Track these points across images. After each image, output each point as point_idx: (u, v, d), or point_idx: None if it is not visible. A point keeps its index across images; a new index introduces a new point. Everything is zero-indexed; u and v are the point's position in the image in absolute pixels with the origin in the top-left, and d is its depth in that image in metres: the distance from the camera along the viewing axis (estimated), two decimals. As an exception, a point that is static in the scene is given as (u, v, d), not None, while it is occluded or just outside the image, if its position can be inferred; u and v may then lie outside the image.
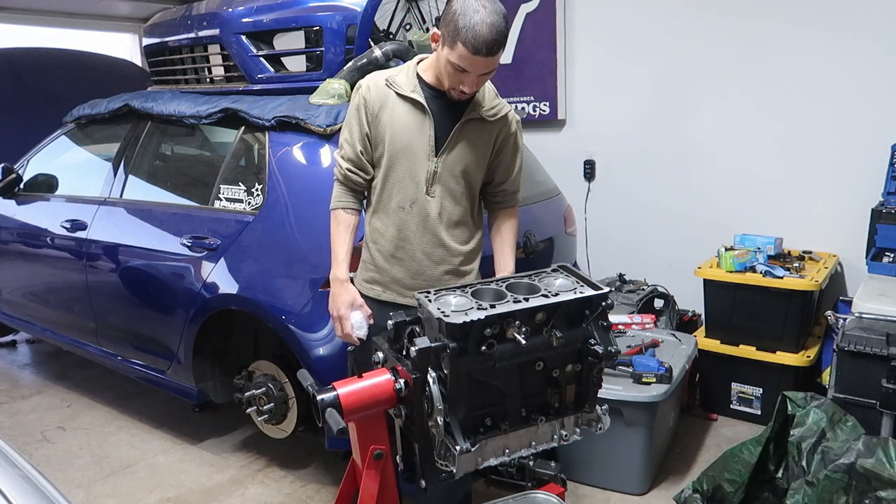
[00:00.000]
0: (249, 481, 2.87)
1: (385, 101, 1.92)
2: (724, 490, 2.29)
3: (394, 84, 1.93)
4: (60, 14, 5.64)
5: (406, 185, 1.95)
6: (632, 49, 4.00)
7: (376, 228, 2.02)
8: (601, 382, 1.65)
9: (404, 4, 4.93)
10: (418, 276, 2.00)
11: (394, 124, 1.92)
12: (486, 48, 1.72)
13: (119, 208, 3.22)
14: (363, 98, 1.95)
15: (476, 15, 1.71)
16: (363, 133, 1.96)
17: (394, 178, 1.95)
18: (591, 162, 4.26)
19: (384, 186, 1.97)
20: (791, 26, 3.48)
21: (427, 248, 1.99)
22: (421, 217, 1.96)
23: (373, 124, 1.94)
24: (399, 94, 1.92)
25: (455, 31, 1.73)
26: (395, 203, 1.96)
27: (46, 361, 4.31)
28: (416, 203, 1.95)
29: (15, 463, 1.19)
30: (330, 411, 1.48)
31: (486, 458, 1.55)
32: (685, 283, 3.53)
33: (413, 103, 1.91)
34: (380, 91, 1.93)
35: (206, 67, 3.40)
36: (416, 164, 1.93)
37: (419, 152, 1.92)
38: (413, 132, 1.92)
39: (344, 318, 1.96)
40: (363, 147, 1.97)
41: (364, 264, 2.07)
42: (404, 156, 1.93)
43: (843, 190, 3.45)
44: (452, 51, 1.75)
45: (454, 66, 1.78)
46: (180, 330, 2.83)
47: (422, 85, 1.93)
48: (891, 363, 2.27)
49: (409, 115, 1.92)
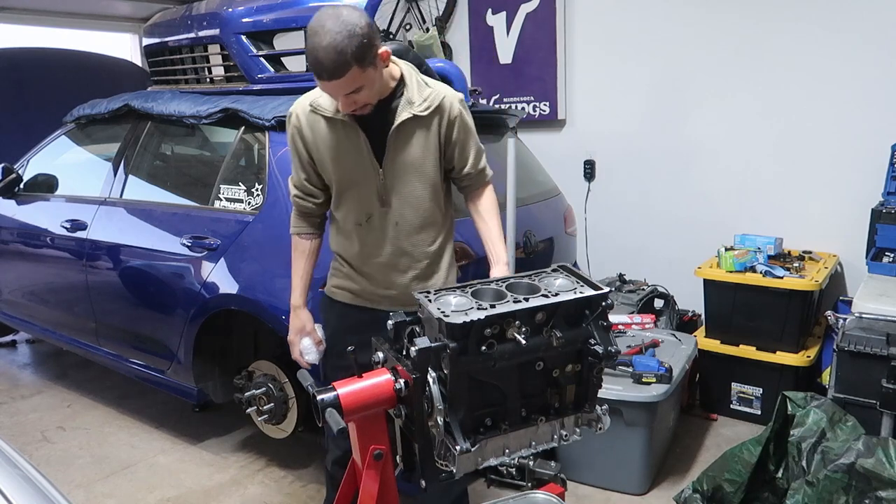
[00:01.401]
0: (249, 481, 2.87)
1: (315, 127, 1.88)
2: (724, 490, 2.29)
3: (319, 108, 1.86)
4: (60, 14, 5.64)
5: (358, 203, 1.92)
6: (632, 49, 4.01)
7: (340, 244, 2.01)
8: (601, 382, 1.65)
9: (404, 4, 4.94)
10: (388, 287, 1.98)
11: (329, 149, 1.88)
12: (327, 74, 1.64)
13: (119, 208, 3.22)
14: (295, 128, 1.91)
15: (314, 38, 1.64)
16: (305, 161, 1.93)
17: (345, 199, 1.94)
18: (591, 162, 4.26)
19: (339, 208, 1.96)
20: (791, 26, 3.48)
21: (391, 259, 1.95)
22: (380, 230, 1.93)
23: (312, 151, 1.91)
24: (327, 118, 1.86)
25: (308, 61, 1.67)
26: (352, 221, 1.94)
27: (46, 361, 4.31)
28: (371, 218, 1.92)
29: (15, 463, 1.19)
30: (330, 411, 1.48)
31: (486, 458, 1.55)
32: (685, 283, 3.53)
33: (342, 124, 1.85)
34: (308, 118, 1.88)
35: (206, 67, 3.40)
36: (363, 182, 1.89)
37: (362, 170, 1.88)
38: (350, 152, 1.87)
39: (293, 344, 2.03)
40: (306, 174, 1.95)
41: (334, 271, 2.07)
42: (349, 177, 1.90)
43: (843, 190, 3.45)
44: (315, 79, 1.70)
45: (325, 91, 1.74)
46: (180, 330, 2.84)
47: None
48: (891, 363, 2.27)
49: (341, 136, 1.86)
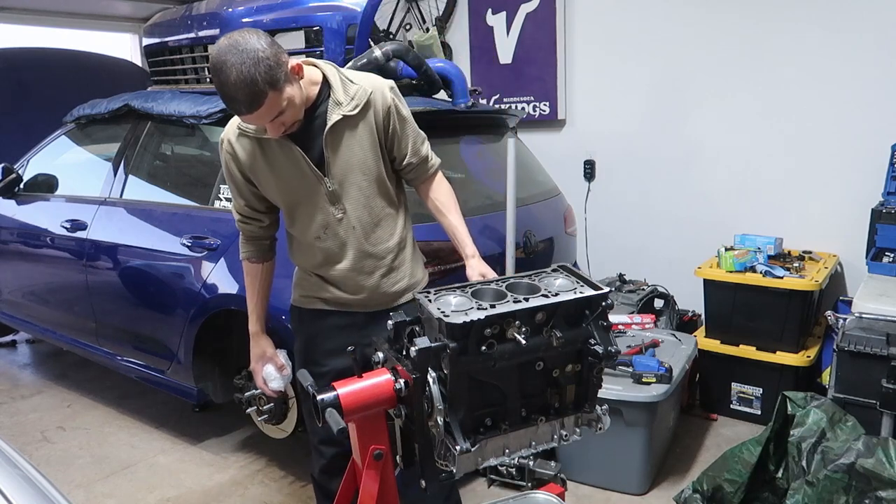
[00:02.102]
0: (249, 481, 2.87)
1: (249, 150, 1.81)
2: (724, 490, 2.29)
3: (247, 130, 1.78)
4: (60, 14, 5.64)
5: (312, 218, 1.86)
6: (632, 49, 4.01)
7: (303, 259, 1.96)
8: (601, 382, 1.65)
9: (404, 4, 4.94)
10: (357, 291, 1.93)
11: (268, 171, 1.81)
12: (245, 107, 1.58)
13: (119, 208, 3.22)
14: (228, 153, 1.84)
15: (219, 75, 1.56)
16: (245, 187, 1.87)
17: (298, 217, 1.88)
18: (591, 162, 4.26)
19: (293, 226, 1.91)
20: (791, 26, 3.48)
21: (354, 264, 1.90)
22: (340, 239, 1.88)
23: (251, 175, 1.85)
24: (257, 139, 1.79)
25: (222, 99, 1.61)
26: (311, 236, 1.88)
27: (46, 361, 4.31)
28: (328, 228, 1.86)
29: (15, 463, 1.19)
30: (330, 411, 1.48)
31: (486, 458, 1.55)
32: (685, 283, 3.53)
33: (275, 142, 1.77)
34: (239, 142, 1.81)
35: (206, 67, 3.40)
36: (312, 196, 1.83)
37: (307, 184, 1.81)
38: (290, 169, 1.80)
39: (255, 373, 2.00)
40: (245, 200, 1.90)
41: (300, 281, 2.01)
42: (296, 194, 1.83)
43: (843, 190, 3.45)
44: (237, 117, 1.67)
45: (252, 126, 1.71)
46: (180, 330, 2.83)
47: None
48: (891, 363, 2.27)
49: (277, 155, 1.79)
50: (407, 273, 1.97)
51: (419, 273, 2.02)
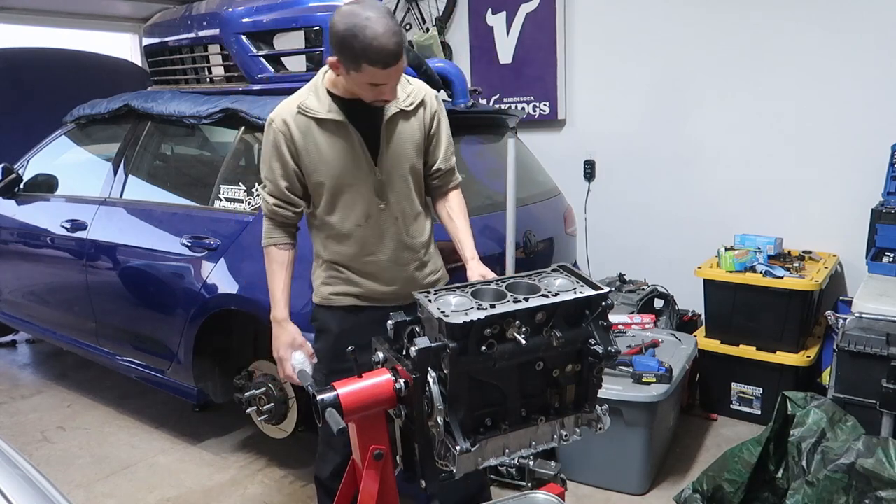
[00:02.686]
0: (249, 481, 2.87)
1: (306, 132, 1.84)
2: (724, 490, 2.29)
3: (308, 110, 1.83)
4: (60, 14, 5.64)
5: (356, 205, 1.89)
6: (632, 49, 4.01)
7: (337, 251, 1.95)
8: (601, 382, 1.65)
9: (404, 4, 4.94)
10: (391, 282, 1.97)
11: (323, 153, 1.84)
12: (394, 58, 1.66)
13: (119, 208, 3.22)
14: (282, 134, 1.85)
15: (367, 30, 1.61)
16: (289, 170, 1.87)
17: (342, 202, 1.89)
18: (591, 162, 4.26)
19: (333, 212, 1.91)
20: (791, 26, 3.48)
21: (392, 255, 1.95)
22: (380, 229, 1.92)
23: (299, 158, 1.86)
24: (317, 119, 1.83)
25: (354, 56, 1.65)
26: (351, 224, 1.91)
27: (46, 361, 4.31)
28: (371, 217, 1.90)
29: (15, 463, 1.19)
30: (330, 411, 1.48)
31: (486, 458, 1.55)
32: (685, 283, 3.53)
33: (335, 124, 1.83)
34: (296, 121, 1.84)
35: (206, 67, 3.40)
36: (361, 183, 1.87)
37: (360, 171, 1.86)
38: (346, 154, 1.85)
39: (284, 360, 1.92)
40: (289, 182, 1.89)
41: (329, 280, 2.00)
42: (346, 180, 1.86)
43: (843, 190, 3.45)
44: (361, 73, 1.68)
45: (369, 84, 1.72)
46: (180, 330, 2.84)
47: (335, 100, 1.84)
48: (891, 363, 2.27)
49: (336, 138, 1.84)
50: (435, 267, 2.07)
51: (442, 269, 2.11)
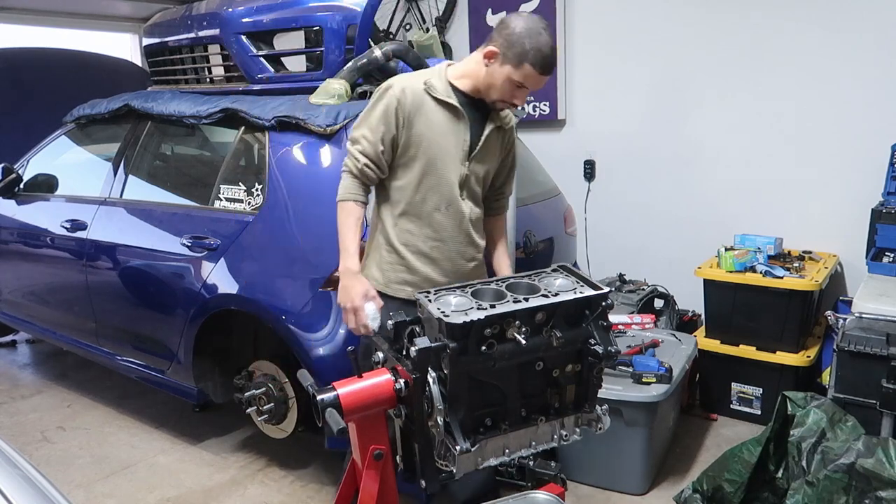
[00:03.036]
0: (249, 481, 2.87)
1: (421, 106, 1.95)
2: (724, 490, 2.29)
3: (432, 88, 1.96)
4: (60, 14, 5.63)
5: (442, 188, 2.00)
6: (632, 49, 4.01)
7: (407, 230, 2.03)
8: (601, 382, 1.65)
9: (404, 4, 4.94)
10: (451, 273, 2.06)
11: (432, 129, 1.96)
12: (550, 68, 1.91)
13: (119, 208, 3.22)
14: (397, 100, 1.94)
15: (540, 38, 1.86)
16: (390, 135, 1.95)
17: (429, 182, 1.99)
18: (591, 162, 4.26)
19: (417, 190, 2.00)
20: (791, 26, 3.48)
21: (461, 247, 2.06)
22: (456, 218, 2.03)
23: (405, 128, 1.95)
24: (436, 99, 1.96)
25: (522, 53, 1.86)
26: (431, 206, 2.00)
27: (46, 361, 4.31)
28: (451, 205, 2.01)
29: (15, 463, 1.19)
30: (330, 411, 1.48)
31: (486, 458, 1.55)
32: (685, 283, 3.53)
33: (450, 108, 1.97)
34: (416, 95, 1.95)
35: (206, 67, 3.40)
36: (451, 170, 1.99)
37: (454, 157, 1.99)
38: (450, 137, 1.97)
39: (359, 309, 1.94)
40: (385, 147, 1.96)
41: (391, 267, 2.06)
42: (441, 161, 1.98)
43: (843, 190, 3.45)
44: (517, 69, 1.88)
45: (515, 82, 1.90)
46: (180, 330, 2.83)
47: (454, 91, 1.99)
48: (891, 363, 2.27)
49: (447, 120, 1.97)
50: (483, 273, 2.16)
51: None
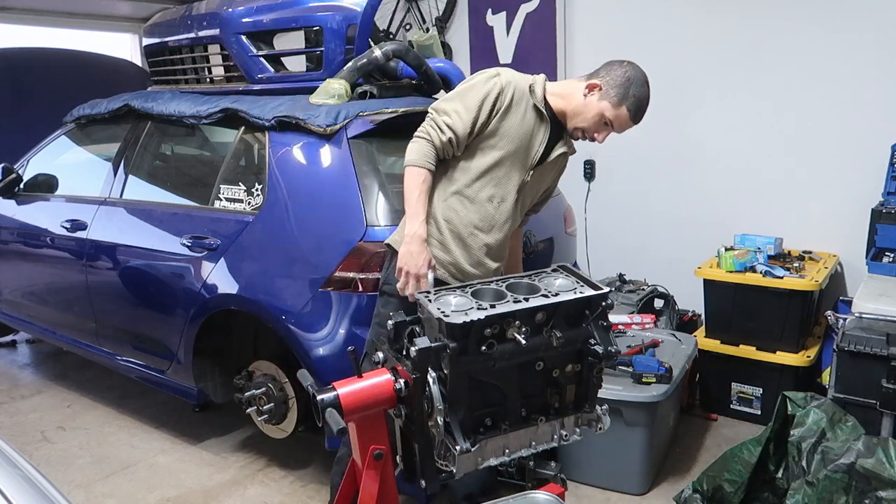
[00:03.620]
0: (249, 481, 2.87)
1: (519, 102, 2.03)
2: (724, 490, 2.29)
3: (534, 93, 2.06)
4: (60, 14, 5.63)
5: (504, 183, 2.06)
6: (632, 49, 3.98)
7: (454, 209, 2.06)
8: (601, 382, 1.65)
9: (404, 4, 4.94)
10: (478, 265, 2.10)
11: (522, 128, 2.03)
12: (639, 119, 2.05)
13: (119, 208, 3.22)
14: (501, 89, 2.00)
15: (643, 89, 2.01)
16: (480, 119, 2.00)
17: (496, 173, 2.04)
18: (591, 162, 4.26)
19: (481, 176, 2.04)
20: (791, 26, 3.48)
21: (498, 243, 2.11)
22: (503, 216, 2.09)
23: (496, 118, 2.01)
24: (534, 105, 2.05)
25: (624, 95, 1.99)
26: (487, 195, 2.05)
27: (46, 361, 4.31)
28: (504, 203, 2.08)
29: (15, 463, 1.19)
30: (330, 411, 1.48)
31: (486, 458, 1.55)
32: (685, 283, 3.53)
33: (541, 116, 2.06)
34: (520, 92, 2.03)
35: (206, 67, 3.40)
36: (518, 169, 2.07)
37: (525, 160, 2.07)
38: (529, 140, 2.06)
39: (422, 277, 1.96)
40: (470, 130, 2.00)
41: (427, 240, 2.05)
42: (514, 158, 2.05)
43: (843, 190, 3.45)
44: (614, 108, 2.01)
45: (606, 119, 2.03)
46: (180, 330, 2.83)
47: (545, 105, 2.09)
48: (891, 363, 2.27)
49: (534, 126, 2.06)
50: None
51: None
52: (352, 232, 2.39)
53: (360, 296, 2.35)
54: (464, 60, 4.64)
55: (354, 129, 2.53)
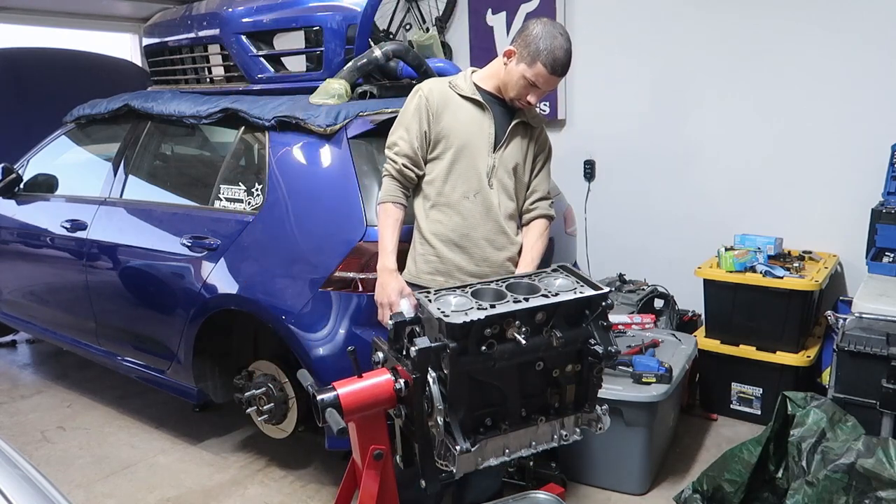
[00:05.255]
0: (249, 481, 2.87)
1: (447, 103, 2.12)
2: (724, 490, 2.29)
3: (456, 87, 2.15)
4: (60, 14, 5.64)
5: (470, 176, 2.11)
6: (632, 49, 4.00)
7: (437, 220, 2.14)
8: (601, 382, 1.65)
9: (404, 4, 4.94)
10: (482, 262, 2.15)
11: (458, 120, 2.11)
12: (562, 69, 2.06)
13: (119, 208, 3.22)
14: (425, 99, 2.12)
15: (555, 41, 2.01)
16: (421, 132, 2.11)
17: (458, 170, 2.11)
18: (591, 162, 4.26)
19: (447, 180, 2.12)
20: (791, 26, 3.48)
21: (490, 234, 2.14)
22: (484, 206, 2.12)
23: (434, 124, 2.11)
24: (461, 96, 2.13)
25: (536, 52, 2.01)
26: (460, 194, 2.12)
27: (46, 361, 4.31)
28: (479, 193, 2.12)
29: (15, 463, 1.19)
30: (330, 411, 1.48)
31: (486, 458, 1.55)
32: (685, 283, 3.53)
33: (474, 103, 2.13)
34: (442, 93, 2.13)
35: (206, 67, 3.40)
36: (478, 158, 2.12)
37: (481, 147, 2.12)
38: (475, 129, 2.12)
39: (395, 305, 2.03)
40: (419, 144, 2.12)
41: (423, 258, 2.17)
42: (468, 150, 2.11)
43: (843, 190, 3.45)
44: (530, 68, 2.02)
45: (528, 80, 2.04)
46: (180, 330, 2.83)
47: (479, 91, 2.15)
48: (891, 363, 2.27)
49: (472, 114, 2.13)
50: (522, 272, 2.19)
51: None
52: (352, 232, 2.39)
53: (360, 296, 2.35)
54: (464, 60, 4.64)
55: (354, 129, 2.53)
